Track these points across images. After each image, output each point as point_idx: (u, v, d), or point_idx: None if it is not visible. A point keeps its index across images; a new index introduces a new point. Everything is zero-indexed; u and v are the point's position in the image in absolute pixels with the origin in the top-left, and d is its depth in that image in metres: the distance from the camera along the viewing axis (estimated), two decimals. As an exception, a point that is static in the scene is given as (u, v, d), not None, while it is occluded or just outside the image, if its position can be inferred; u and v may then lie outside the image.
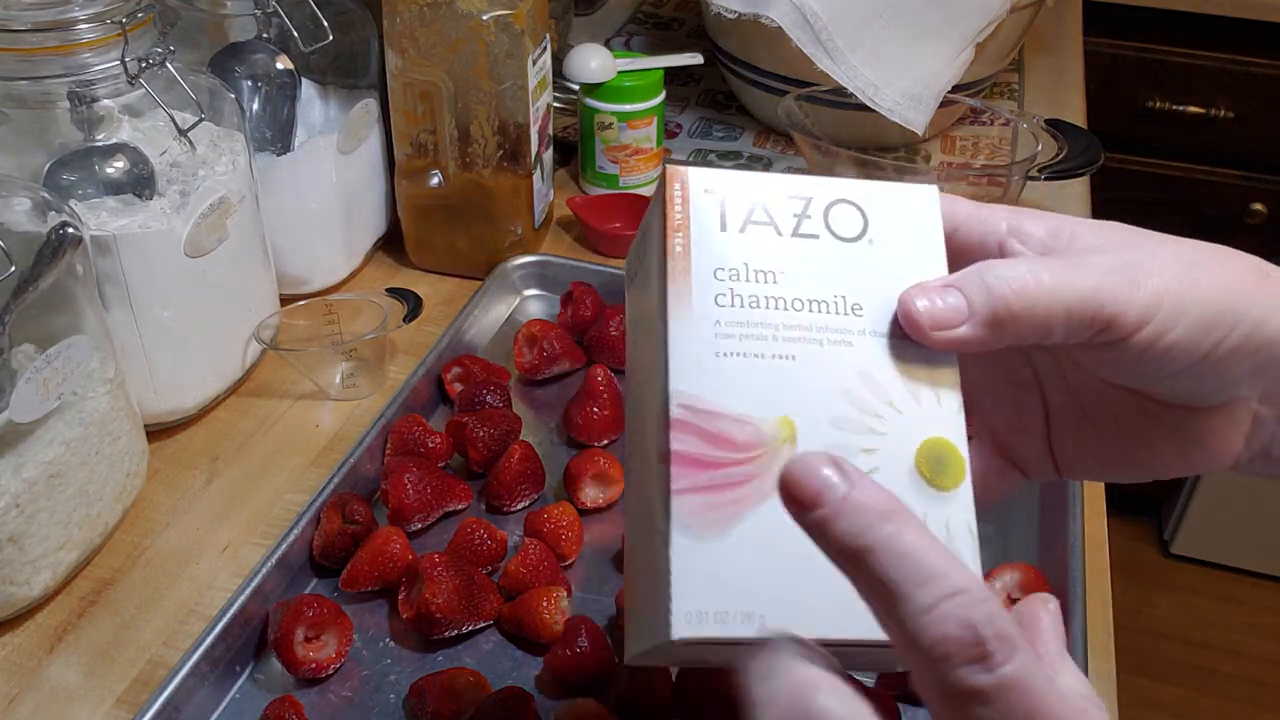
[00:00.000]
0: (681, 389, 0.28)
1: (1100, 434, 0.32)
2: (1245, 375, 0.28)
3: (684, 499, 0.27)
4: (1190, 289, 0.27)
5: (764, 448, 0.28)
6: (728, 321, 0.29)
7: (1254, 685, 1.49)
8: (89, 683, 0.48)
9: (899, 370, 0.29)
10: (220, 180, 0.57)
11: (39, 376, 0.47)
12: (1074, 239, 0.29)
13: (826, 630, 0.27)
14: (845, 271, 0.30)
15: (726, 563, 0.27)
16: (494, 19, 0.65)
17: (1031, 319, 0.27)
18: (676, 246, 0.29)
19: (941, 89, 0.78)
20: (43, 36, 0.50)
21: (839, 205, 0.30)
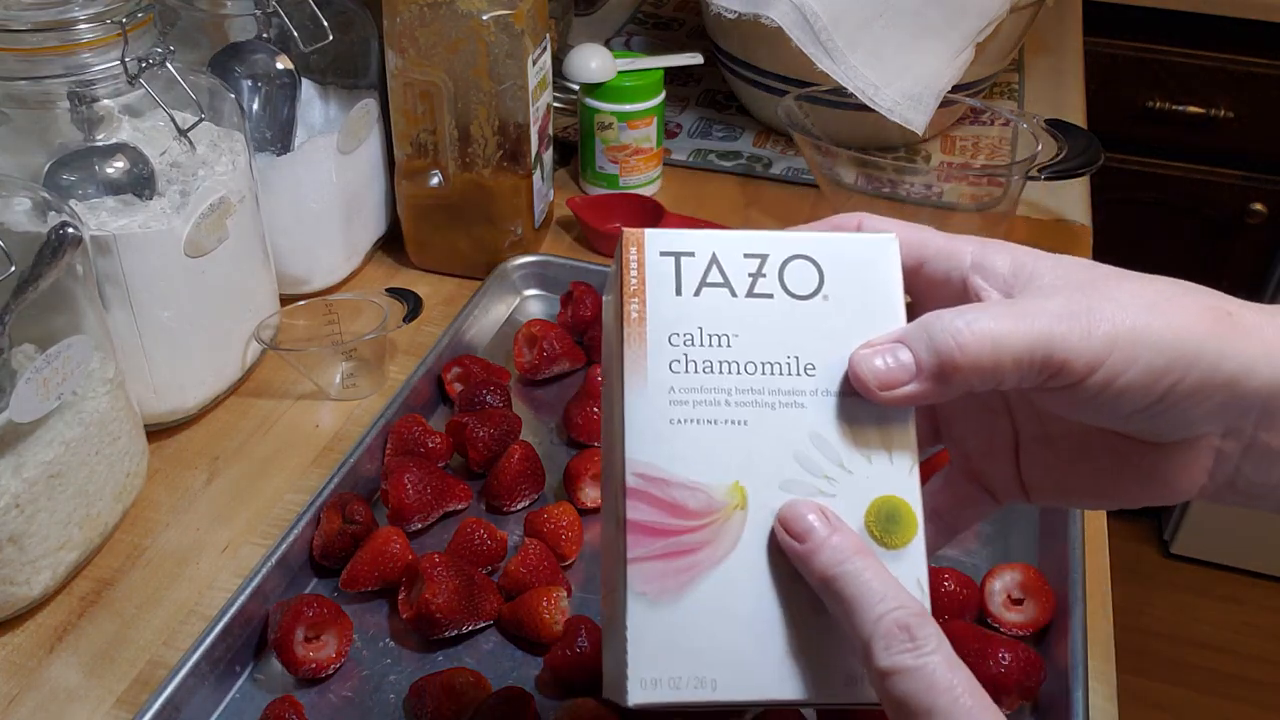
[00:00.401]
0: (637, 457, 0.29)
1: (1066, 463, 0.33)
2: (1203, 415, 0.28)
3: (639, 566, 0.28)
4: (1144, 333, 0.27)
5: (716, 514, 0.29)
6: (682, 388, 0.29)
7: (1254, 685, 1.49)
8: (89, 683, 0.48)
9: (850, 430, 0.29)
10: (220, 180, 0.57)
11: (39, 376, 0.47)
12: (1034, 276, 0.29)
13: (777, 693, 0.28)
14: (799, 331, 0.30)
15: (680, 628, 0.28)
16: (494, 19, 0.65)
17: (979, 370, 0.27)
18: (632, 313, 0.30)
19: (941, 89, 0.78)
20: (43, 36, 0.50)
21: (795, 261, 0.30)
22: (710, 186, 0.85)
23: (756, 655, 0.28)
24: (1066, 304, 0.27)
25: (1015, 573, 0.50)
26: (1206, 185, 1.41)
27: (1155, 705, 1.46)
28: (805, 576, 0.28)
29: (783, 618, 0.28)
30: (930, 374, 0.28)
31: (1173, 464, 0.30)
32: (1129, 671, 0.54)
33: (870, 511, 0.29)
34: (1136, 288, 0.28)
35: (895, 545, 0.29)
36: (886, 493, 0.29)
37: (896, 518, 0.29)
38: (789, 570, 0.28)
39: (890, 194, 0.75)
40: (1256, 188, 1.39)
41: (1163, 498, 0.31)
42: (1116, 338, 0.27)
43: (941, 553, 0.54)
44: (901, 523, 0.29)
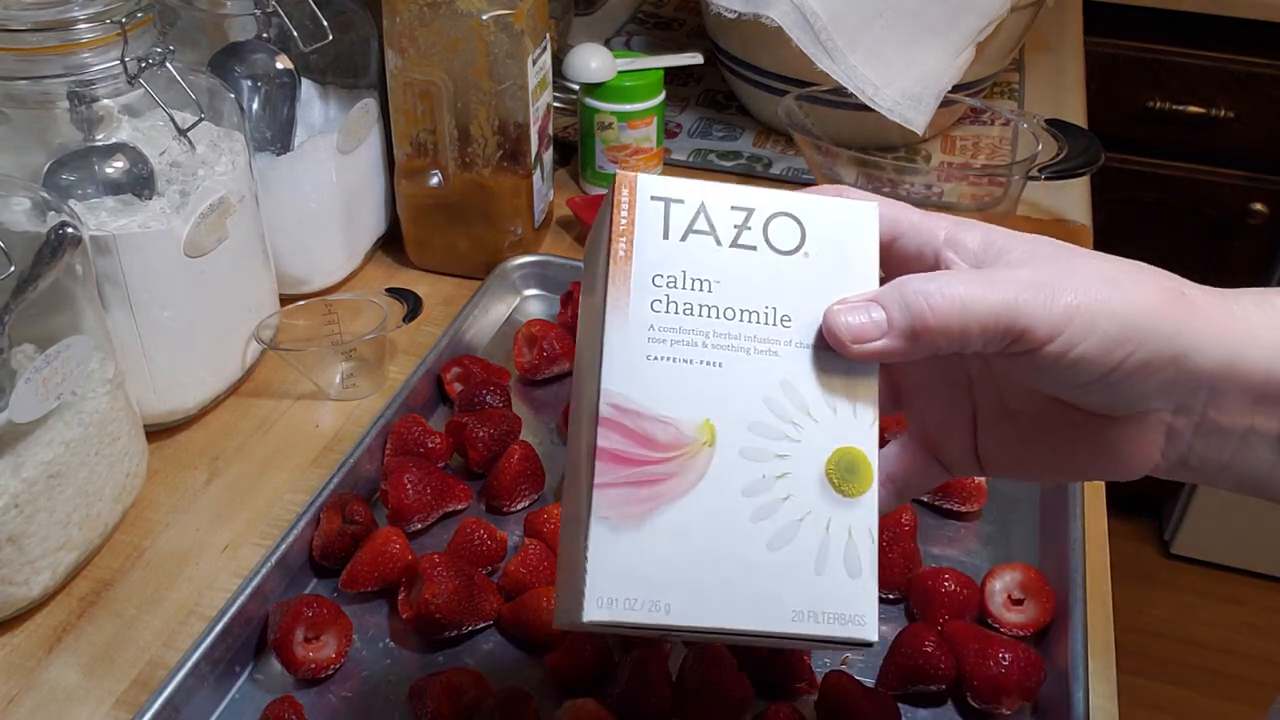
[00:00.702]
0: (612, 388, 0.30)
1: (1023, 437, 0.34)
2: (1154, 389, 0.29)
3: (605, 492, 0.29)
4: (1102, 305, 0.28)
5: (684, 448, 0.30)
6: (661, 326, 0.30)
7: (1255, 686, 1.49)
8: (88, 683, 0.48)
9: (820, 381, 0.31)
10: (220, 180, 0.57)
11: (38, 376, 0.47)
12: (1003, 252, 0.31)
13: (727, 621, 0.29)
14: (779, 283, 0.31)
15: (640, 553, 0.29)
16: (494, 19, 0.65)
17: (947, 331, 0.29)
18: (619, 251, 0.31)
19: (942, 89, 0.78)
20: (42, 36, 0.50)
21: (779, 218, 0.32)
22: (710, 186, 0.85)
23: (710, 585, 0.29)
24: (1032, 275, 0.29)
25: (1016, 573, 0.50)
26: (1207, 185, 1.40)
27: (1156, 706, 1.46)
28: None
29: (738, 553, 0.29)
30: (901, 332, 0.29)
31: (1126, 439, 0.32)
32: (1129, 672, 0.54)
33: (832, 459, 0.30)
34: (1098, 265, 0.30)
35: (852, 493, 0.30)
36: (848, 443, 0.31)
37: (855, 468, 0.30)
38: (749, 508, 0.30)
39: (890, 194, 0.75)
40: (1257, 188, 1.39)
41: (1116, 473, 0.33)
42: (1077, 308, 0.28)
43: (941, 553, 0.54)
44: (859, 473, 0.30)
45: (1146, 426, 0.31)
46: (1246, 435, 0.30)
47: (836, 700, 0.45)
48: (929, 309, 0.29)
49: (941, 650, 0.46)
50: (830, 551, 0.30)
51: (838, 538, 0.30)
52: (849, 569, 0.30)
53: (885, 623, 0.51)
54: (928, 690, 0.47)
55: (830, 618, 0.30)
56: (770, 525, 0.30)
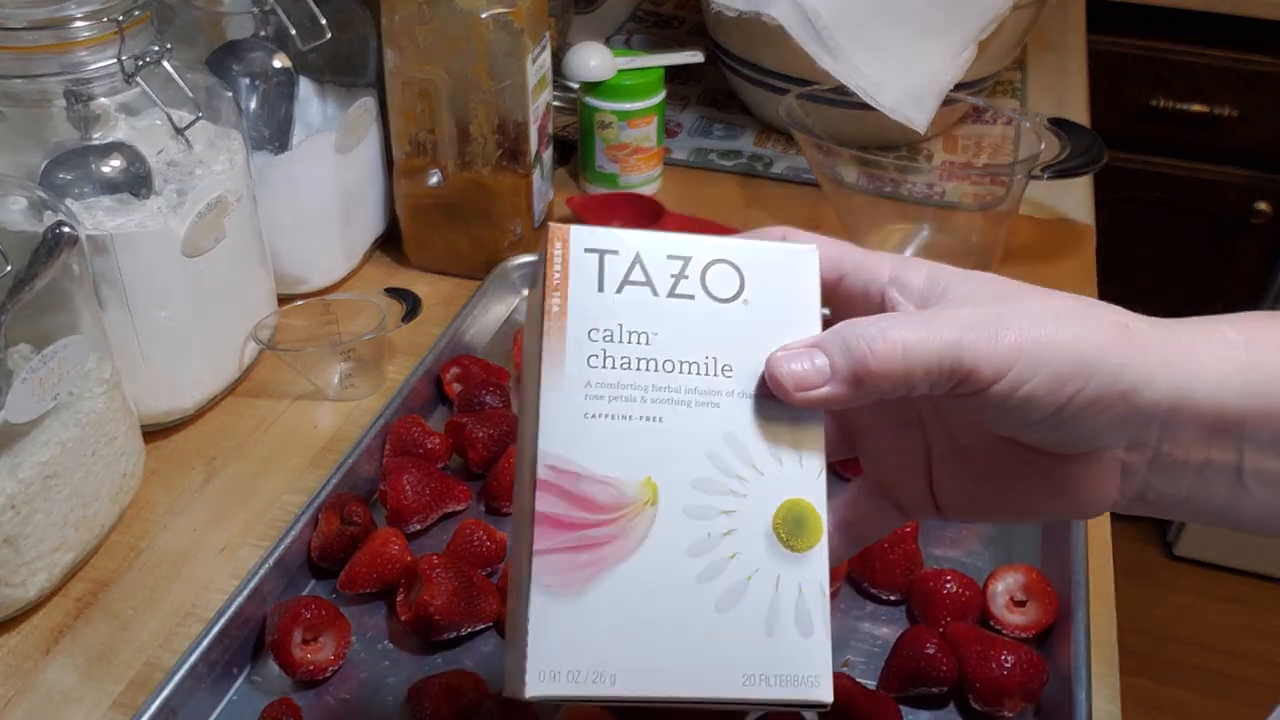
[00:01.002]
0: (549, 450, 0.29)
1: (977, 478, 0.33)
2: (1105, 426, 0.29)
3: (545, 559, 0.28)
4: (1048, 343, 0.28)
5: (625, 509, 0.29)
6: (598, 383, 0.30)
7: (1257, 687, 1.48)
8: (85, 685, 0.47)
9: (764, 432, 0.30)
10: (217, 179, 0.57)
11: (35, 376, 0.47)
12: (948, 290, 0.30)
13: (675, 689, 0.28)
14: (718, 332, 0.30)
15: (582, 623, 0.28)
16: (493, 17, 0.65)
17: (891, 375, 0.28)
18: (553, 306, 0.30)
19: (944, 87, 0.78)
20: (39, 34, 0.50)
21: (717, 265, 0.31)
22: (711, 186, 0.85)
23: (657, 652, 0.28)
24: (975, 314, 0.29)
25: (1018, 574, 0.50)
26: (1211, 184, 1.40)
27: (1158, 708, 1.45)
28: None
29: (684, 616, 0.29)
30: (844, 378, 0.29)
31: (1081, 477, 0.31)
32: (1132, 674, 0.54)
33: (779, 513, 0.30)
34: (1043, 301, 0.29)
35: (801, 548, 0.30)
36: (795, 495, 0.30)
37: (803, 521, 0.30)
38: (695, 569, 0.29)
39: (892, 193, 0.75)
40: (1261, 187, 1.38)
41: (1073, 512, 0.32)
42: (1022, 346, 0.28)
43: (943, 553, 0.54)
44: (807, 526, 0.30)
45: (1101, 464, 0.31)
46: (1203, 469, 0.30)
47: (838, 702, 0.44)
48: (871, 353, 0.28)
49: (943, 652, 0.46)
50: (780, 610, 0.29)
51: (788, 595, 0.29)
52: (800, 627, 0.29)
53: (887, 624, 0.50)
54: (929, 692, 0.46)
55: (783, 680, 0.29)
56: (717, 585, 0.29)
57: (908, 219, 0.77)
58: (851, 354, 0.29)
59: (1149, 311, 0.31)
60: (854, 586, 0.52)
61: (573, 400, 0.29)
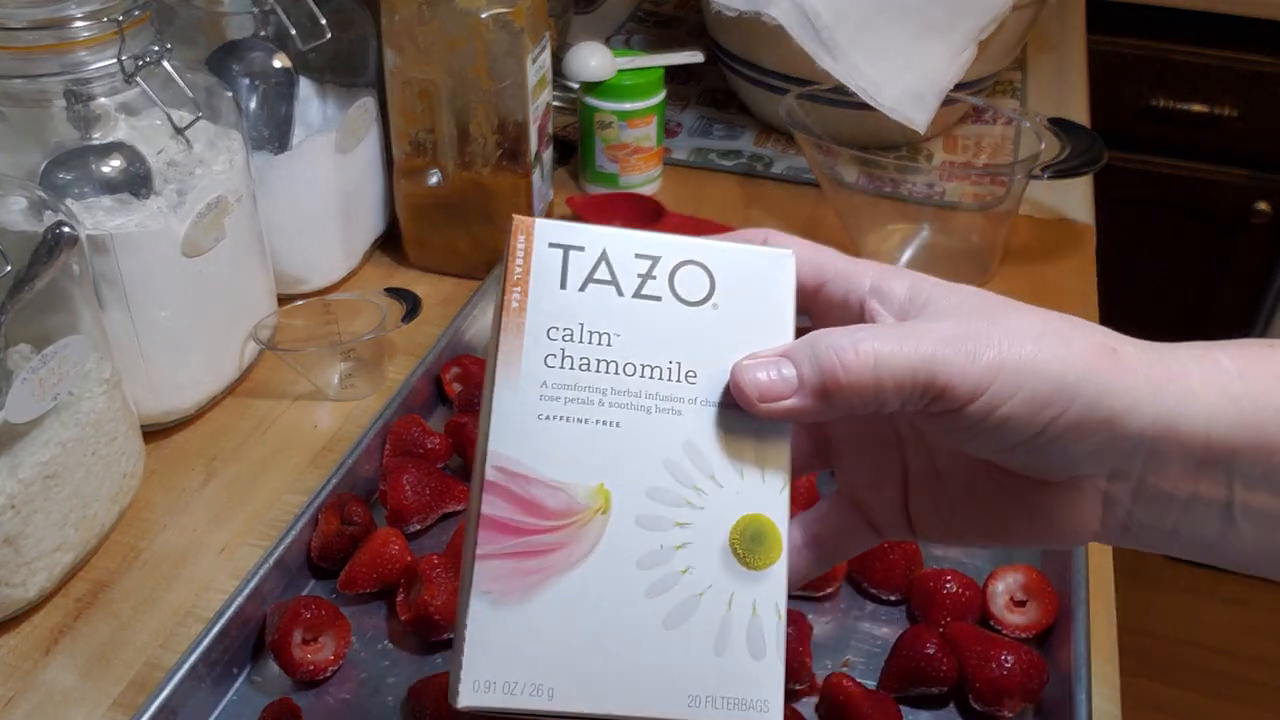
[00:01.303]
0: (499, 450, 0.28)
1: (953, 501, 0.32)
2: (1086, 453, 0.28)
3: (488, 564, 0.27)
4: (1028, 363, 0.27)
5: (575, 516, 0.28)
6: (555, 384, 0.28)
7: (1257, 687, 1.48)
8: (85, 685, 0.47)
9: (725, 442, 0.29)
10: (217, 179, 0.57)
11: (35, 377, 0.47)
12: (929, 303, 0.29)
13: (616, 706, 0.27)
14: (684, 337, 0.29)
15: (522, 632, 0.27)
16: (493, 17, 0.65)
17: (861, 389, 0.27)
18: (513, 302, 0.29)
19: (944, 87, 0.78)
20: (39, 34, 0.50)
21: (687, 266, 0.30)
22: (711, 186, 0.85)
23: (598, 667, 0.27)
24: (954, 329, 0.27)
25: (1018, 574, 0.50)
26: (1211, 184, 1.40)
27: (1159, 708, 1.45)
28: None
29: (631, 631, 0.27)
30: (812, 390, 0.28)
31: (1060, 506, 0.30)
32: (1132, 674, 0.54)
33: (736, 528, 0.28)
34: (1025, 319, 0.28)
35: (757, 566, 0.28)
36: (755, 510, 0.29)
37: (762, 537, 0.28)
38: (644, 582, 0.28)
39: (892, 193, 0.75)
40: (1261, 187, 1.38)
41: (1051, 540, 0.31)
42: (1000, 366, 0.27)
43: (943, 554, 0.54)
44: (766, 543, 0.28)
45: (1081, 493, 0.29)
46: (1190, 502, 0.28)
47: (837, 702, 0.44)
48: (841, 366, 0.27)
49: (943, 652, 0.46)
50: (732, 630, 0.28)
51: (741, 615, 0.28)
52: (752, 649, 0.28)
53: (887, 624, 0.50)
54: (929, 692, 0.46)
55: (730, 703, 0.27)
56: (667, 600, 0.28)
57: (908, 219, 0.77)
58: (820, 365, 0.27)
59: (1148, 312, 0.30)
60: (854, 586, 0.52)
61: (527, 400, 0.28)
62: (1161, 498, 0.28)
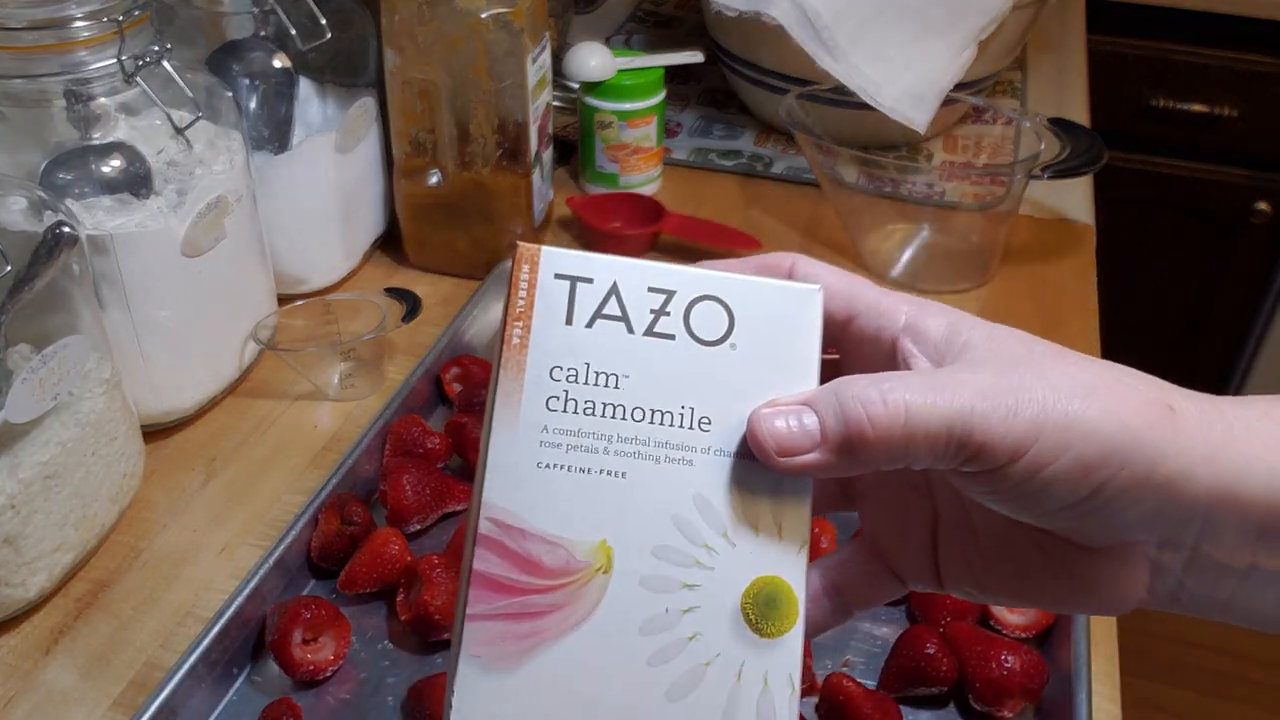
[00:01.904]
0: (494, 500, 0.26)
1: (986, 556, 0.29)
2: (1136, 520, 0.25)
3: (478, 625, 0.25)
4: (1076, 421, 0.24)
5: (573, 575, 0.26)
6: (556, 429, 0.26)
7: (1258, 687, 1.49)
8: (85, 685, 0.47)
9: (740, 496, 0.27)
10: (217, 179, 0.57)
11: (35, 377, 0.47)
12: (968, 346, 0.27)
13: None
14: (699, 379, 0.27)
15: (513, 701, 0.25)
16: (493, 17, 0.65)
17: (890, 445, 0.25)
18: (514, 338, 0.27)
19: (944, 87, 0.78)
20: (39, 34, 0.50)
21: (704, 303, 0.27)
22: (711, 186, 0.85)
23: None
24: (993, 380, 0.25)
25: None
26: (1210, 184, 1.40)
27: (1159, 708, 1.45)
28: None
29: (631, 703, 0.25)
30: (835, 444, 0.25)
31: (1104, 572, 0.27)
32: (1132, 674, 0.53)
33: (749, 592, 0.26)
34: (1073, 370, 0.26)
35: (771, 634, 0.26)
36: (770, 572, 0.26)
37: (776, 602, 0.26)
38: (647, 650, 0.26)
39: (892, 193, 0.75)
40: (1261, 187, 1.38)
41: (1093, 608, 0.28)
42: (1044, 423, 0.24)
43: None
44: (780, 609, 0.26)
45: (1128, 560, 0.27)
46: (1249, 573, 0.26)
47: (838, 702, 0.44)
48: (868, 419, 0.25)
49: (943, 652, 0.46)
50: (741, 704, 0.26)
51: (751, 687, 0.26)
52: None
53: (887, 624, 0.50)
54: (930, 692, 0.46)
55: None
56: (671, 670, 0.26)
57: (908, 219, 0.77)
58: (846, 418, 0.25)
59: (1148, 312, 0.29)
60: (854, 586, 0.52)
61: (526, 447, 0.26)
62: (1217, 568, 0.26)
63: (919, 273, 0.75)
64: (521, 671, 0.25)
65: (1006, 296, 0.73)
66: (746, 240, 0.75)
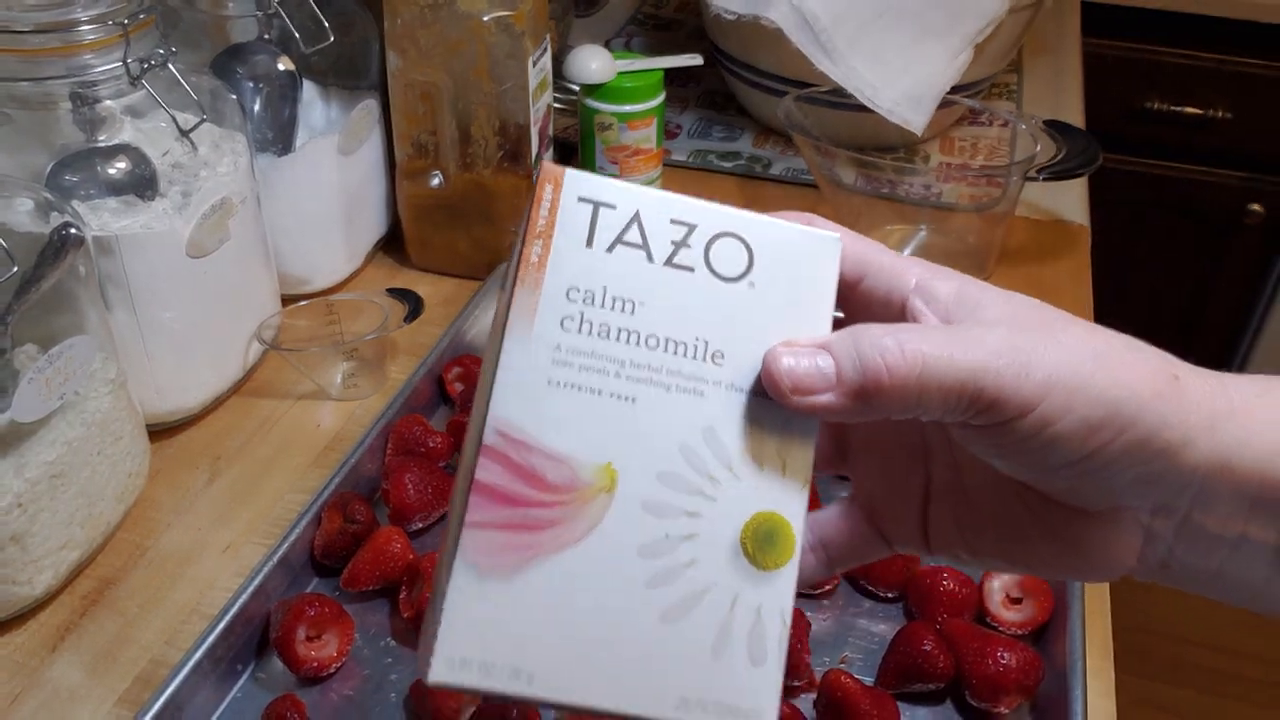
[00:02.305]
0: (501, 414, 0.26)
1: (978, 520, 0.30)
2: (1132, 483, 0.26)
3: (476, 533, 0.25)
4: (1086, 382, 0.25)
5: (575, 493, 0.26)
6: (569, 348, 0.26)
7: (1254, 685, 1.49)
8: (91, 682, 0.48)
9: (748, 432, 0.27)
10: (222, 181, 0.57)
11: (41, 376, 0.47)
12: (979, 308, 0.27)
13: (599, 699, 0.25)
14: (715, 314, 0.27)
15: (507, 610, 0.25)
16: (494, 20, 0.65)
17: (904, 394, 0.25)
18: (533, 255, 0.26)
19: (941, 90, 0.79)
20: (45, 38, 0.50)
21: (725, 239, 0.28)
22: (710, 187, 0.85)
23: (585, 655, 0.25)
24: (1008, 340, 0.25)
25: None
26: (1204, 186, 1.41)
27: (1154, 705, 1.46)
28: None
29: (625, 621, 0.26)
30: (850, 389, 0.26)
31: (1095, 537, 0.28)
32: (1128, 671, 0.54)
33: (749, 525, 0.27)
34: (1085, 335, 0.26)
35: (767, 566, 0.26)
36: (771, 508, 0.27)
37: (774, 537, 0.27)
38: (645, 572, 0.26)
39: (889, 194, 0.75)
40: (1254, 188, 1.39)
41: (1081, 572, 0.29)
42: (1054, 383, 0.25)
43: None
44: (778, 543, 0.27)
45: (1120, 525, 0.28)
46: (1239, 544, 0.27)
47: (835, 698, 0.45)
48: (885, 367, 0.25)
49: (940, 649, 0.46)
50: (733, 632, 0.26)
51: (743, 617, 0.26)
52: (752, 655, 0.26)
53: (884, 621, 0.51)
54: (927, 689, 0.47)
55: (722, 709, 0.26)
56: (667, 594, 0.26)
57: (905, 220, 0.77)
58: (863, 363, 0.25)
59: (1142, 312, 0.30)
60: (851, 583, 0.53)
61: (538, 363, 0.26)
62: (1208, 537, 0.27)
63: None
64: (516, 581, 0.25)
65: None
66: (745, 241, 0.75)
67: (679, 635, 0.26)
